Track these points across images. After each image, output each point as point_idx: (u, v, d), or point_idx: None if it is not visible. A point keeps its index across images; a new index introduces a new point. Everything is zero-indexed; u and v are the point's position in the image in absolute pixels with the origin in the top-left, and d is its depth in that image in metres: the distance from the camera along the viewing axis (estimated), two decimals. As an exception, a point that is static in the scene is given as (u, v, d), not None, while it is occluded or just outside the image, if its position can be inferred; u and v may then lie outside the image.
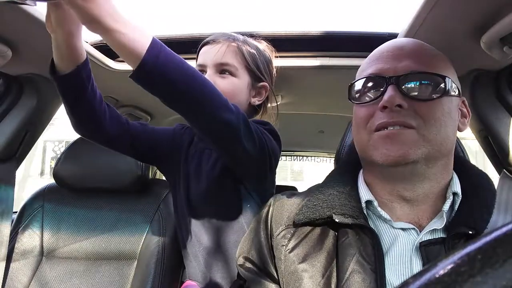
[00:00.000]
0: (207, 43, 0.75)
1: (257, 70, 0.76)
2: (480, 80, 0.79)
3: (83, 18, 0.47)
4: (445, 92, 0.47)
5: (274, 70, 0.84)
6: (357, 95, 0.52)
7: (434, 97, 0.46)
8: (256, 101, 0.80)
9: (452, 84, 0.48)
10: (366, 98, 0.50)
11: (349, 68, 0.91)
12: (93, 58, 0.90)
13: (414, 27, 0.67)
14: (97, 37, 0.94)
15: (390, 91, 0.46)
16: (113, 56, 0.97)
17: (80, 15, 0.47)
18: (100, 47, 0.93)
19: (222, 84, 0.71)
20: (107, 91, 1.17)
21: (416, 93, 0.46)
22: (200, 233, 0.77)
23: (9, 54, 0.79)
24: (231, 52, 0.73)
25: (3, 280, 0.95)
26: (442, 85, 0.47)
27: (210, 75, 0.71)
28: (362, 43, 0.89)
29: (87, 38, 0.90)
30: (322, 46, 0.92)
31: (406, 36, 0.70)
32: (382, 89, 0.47)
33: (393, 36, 0.79)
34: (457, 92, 0.49)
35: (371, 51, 0.54)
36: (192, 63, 0.93)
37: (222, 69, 0.73)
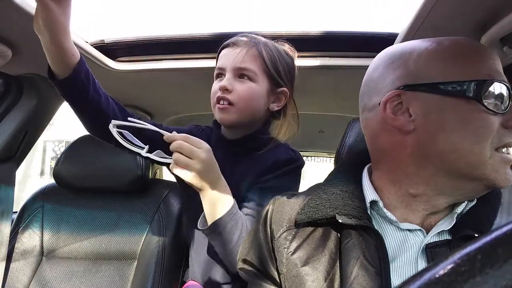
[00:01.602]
0: (227, 45, 0.74)
1: (276, 75, 0.74)
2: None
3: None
4: None
5: (297, 71, 0.81)
6: (492, 100, 0.42)
7: None
8: (275, 106, 0.78)
9: None
10: (495, 106, 0.42)
11: (349, 68, 0.91)
12: (93, 58, 0.90)
13: (414, 27, 0.67)
14: (97, 37, 0.94)
15: None
16: (113, 56, 0.97)
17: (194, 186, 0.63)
18: (100, 47, 0.93)
19: (240, 88, 0.71)
20: (107, 91, 1.17)
21: None
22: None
23: (9, 54, 0.79)
24: (251, 57, 0.72)
25: (3, 280, 0.95)
26: None
27: (228, 79, 0.71)
28: (362, 43, 0.89)
29: (87, 38, 0.90)
30: (322, 46, 0.92)
31: (406, 36, 0.70)
32: (507, 102, 0.42)
33: (393, 36, 0.79)
34: None
35: (371, 51, 0.53)
36: (193, 63, 0.94)
37: (241, 74, 0.72)
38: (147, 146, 0.63)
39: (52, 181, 1.13)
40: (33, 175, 8.46)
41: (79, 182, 1.09)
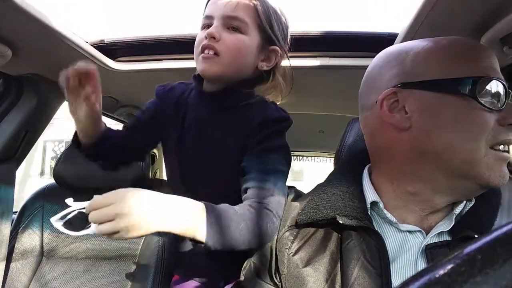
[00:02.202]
0: None
1: (270, 30, 0.67)
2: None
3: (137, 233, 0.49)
4: None
5: (289, 38, 0.74)
6: (488, 97, 0.42)
7: None
8: (264, 65, 0.70)
9: None
10: (491, 104, 0.42)
11: (349, 68, 0.91)
12: (93, 58, 0.90)
13: (414, 27, 0.67)
14: (97, 37, 0.94)
15: None
16: (113, 56, 0.97)
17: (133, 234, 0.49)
18: (100, 47, 0.93)
19: (229, 39, 0.63)
20: (107, 91, 1.17)
21: None
22: None
23: (9, 54, 0.79)
24: (244, 6, 0.64)
25: (3, 280, 0.95)
26: None
27: (216, 27, 0.63)
28: (362, 43, 0.89)
29: (87, 38, 0.90)
30: (322, 46, 0.92)
31: (406, 36, 0.70)
32: (504, 100, 0.42)
33: (393, 36, 0.79)
34: None
35: (371, 51, 0.53)
36: (192, 63, 0.93)
37: (231, 24, 0.64)
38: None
39: (52, 181, 1.13)
40: (33, 175, 8.46)
41: (79, 182, 1.09)
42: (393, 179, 0.48)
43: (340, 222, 0.46)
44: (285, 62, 0.74)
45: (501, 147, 0.42)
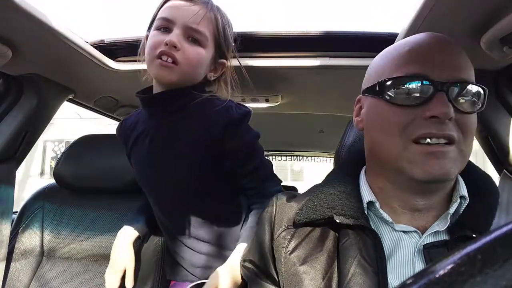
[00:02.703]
0: None
1: (224, 45, 0.71)
2: (480, 80, 0.79)
3: None
4: (482, 106, 0.45)
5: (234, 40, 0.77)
6: (391, 94, 0.45)
7: (476, 110, 0.44)
8: (212, 76, 0.74)
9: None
10: (405, 100, 0.44)
11: (349, 68, 0.91)
12: (93, 58, 0.90)
13: (414, 27, 0.67)
14: (97, 37, 0.94)
15: (442, 100, 0.42)
16: (113, 56, 0.97)
17: None
18: (100, 47, 0.93)
19: (190, 51, 0.65)
20: (107, 91, 1.17)
21: (460, 105, 0.44)
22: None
23: (9, 54, 0.79)
24: (207, 20, 0.66)
25: (3, 280, 0.95)
26: (483, 97, 0.45)
27: (178, 36, 0.64)
28: (362, 43, 0.89)
29: (87, 38, 0.90)
30: (322, 46, 0.92)
31: (405, 36, 0.70)
32: (426, 94, 0.43)
33: (393, 36, 0.79)
34: None
35: (371, 51, 0.53)
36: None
37: (193, 36, 0.66)
38: None
39: (52, 181, 1.13)
40: (33, 175, 8.47)
41: (79, 182, 1.09)
42: (372, 177, 0.52)
43: (337, 221, 0.47)
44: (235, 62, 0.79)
45: (429, 140, 0.43)
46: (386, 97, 0.45)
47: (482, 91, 0.45)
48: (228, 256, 0.69)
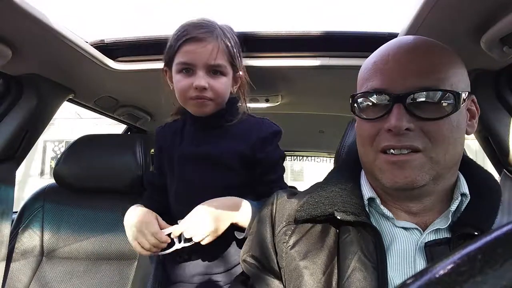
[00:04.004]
0: (191, 39, 0.72)
1: (238, 62, 0.78)
2: (480, 80, 0.79)
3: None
4: (454, 109, 0.43)
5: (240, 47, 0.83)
6: (360, 108, 0.49)
7: (443, 115, 0.43)
8: (234, 89, 0.82)
9: (462, 93, 0.45)
10: (371, 113, 0.47)
11: (349, 68, 0.91)
12: (93, 58, 0.90)
13: (414, 27, 0.67)
14: (97, 37, 0.94)
15: (396, 113, 0.43)
16: (113, 56, 0.97)
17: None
18: (100, 47, 0.93)
19: (216, 85, 0.73)
20: (107, 91, 1.17)
21: (424, 113, 0.43)
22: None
23: (9, 54, 0.79)
24: (221, 52, 0.73)
25: (3, 280, 0.95)
26: (452, 101, 0.43)
27: (203, 77, 0.72)
28: (362, 43, 0.89)
29: (87, 38, 0.90)
30: (322, 46, 0.92)
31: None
32: (387, 107, 0.45)
33: (393, 36, 0.79)
34: (466, 94, 0.46)
35: (371, 51, 0.53)
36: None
37: (214, 69, 0.73)
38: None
39: (52, 181, 1.13)
40: (33, 175, 8.46)
41: (79, 182, 1.09)
42: (379, 188, 0.52)
43: (338, 217, 0.47)
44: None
45: (392, 151, 0.45)
46: (356, 111, 0.50)
47: (451, 94, 0.43)
48: (227, 265, 0.77)
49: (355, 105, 0.49)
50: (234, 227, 0.73)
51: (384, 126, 0.45)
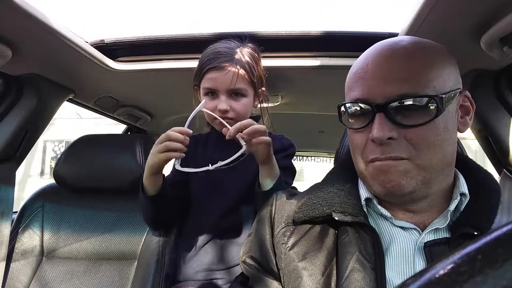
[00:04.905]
0: (213, 68, 0.80)
1: (256, 81, 0.84)
2: (480, 80, 0.79)
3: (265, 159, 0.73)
4: (438, 112, 0.43)
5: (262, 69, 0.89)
6: (347, 118, 0.50)
7: (427, 120, 0.43)
8: (257, 105, 0.89)
9: (447, 95, 0.44)
10: (357, 123, 0.48)
11: (349, 68, 0.91)
12: (93, 58, 0.90)
13: (414, 27, 0.67)
14: (97, 37, 0.94)
15: (377, 123, 0.44)
16: (113, 56, 0.97)
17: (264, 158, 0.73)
18: (100, 47, 0.93)
19: (239, 107, 0.81)
20: (107, 91, 1.17)
21: (407, 119, 0.43)
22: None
23: (9, 54, 0.79)
24: (241, 77, 0.80)
25: (3, 280, 0.95)
26: (435, 106, 0.43)
27: (225, 101, 0.80)
28: (362, 43, 0.88)
29: (87, 38, 0.90)
30: (322, 46, 0.92)
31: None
32: (369, 118, 0.45)
33: (393, 36, 0.79)
34: (456, 92, 0.45)
35: (371, 51, 0.52)
36: (193, 63, 0.94)
37: (236, 92, 0.81)
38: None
39: (52, 181, 1.13)
40: (33, 175, 8.46)
41: (79, 182, 1.09)
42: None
43: (336, 218, 0.48)
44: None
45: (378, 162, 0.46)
46: (344, 120, 0.50)
47: (433, 100, 0.43)
48: (229, 263, 0.80)
49: (343, 115, 0.50)
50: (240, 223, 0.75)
51: (369, 136, 0.45)
